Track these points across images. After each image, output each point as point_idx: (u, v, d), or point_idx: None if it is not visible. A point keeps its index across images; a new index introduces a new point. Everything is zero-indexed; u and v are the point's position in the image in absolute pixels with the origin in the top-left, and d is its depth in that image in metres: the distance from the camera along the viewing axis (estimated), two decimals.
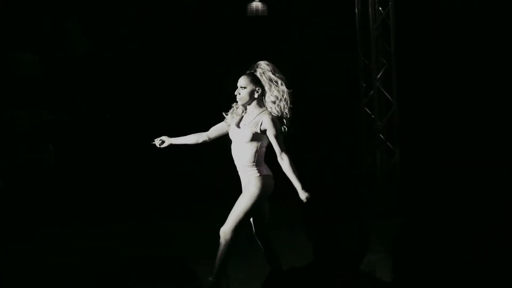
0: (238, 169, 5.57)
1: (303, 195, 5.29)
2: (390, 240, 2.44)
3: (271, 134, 5.37)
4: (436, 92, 10.21)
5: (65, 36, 10.49)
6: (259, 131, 5.41)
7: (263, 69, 5.48)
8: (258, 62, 5.52)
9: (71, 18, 10.51)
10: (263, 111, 5.46)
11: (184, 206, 9.69)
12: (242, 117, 5.58)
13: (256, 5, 10.83)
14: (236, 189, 5.57)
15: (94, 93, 10.22)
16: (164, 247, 7.65)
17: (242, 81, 5.53)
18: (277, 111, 5.42)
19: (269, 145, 5.43)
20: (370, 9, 8.97)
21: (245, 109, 5.56)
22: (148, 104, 10.25)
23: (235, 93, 5.54)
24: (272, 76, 5.44)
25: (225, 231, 5.34)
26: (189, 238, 8.00)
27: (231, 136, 5.59)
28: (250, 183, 5.42)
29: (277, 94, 5.42)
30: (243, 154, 5.47)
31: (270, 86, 5.44)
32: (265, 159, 5.50)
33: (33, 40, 10.37)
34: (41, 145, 8.97)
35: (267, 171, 5.48)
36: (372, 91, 9.10)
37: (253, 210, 5.39)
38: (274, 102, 5.43)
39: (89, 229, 8.54)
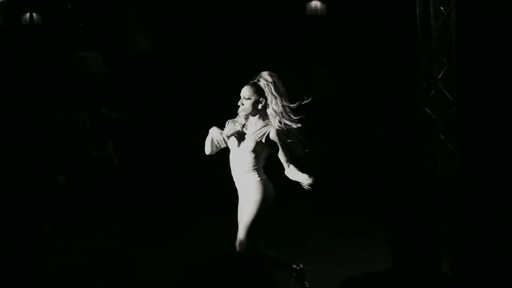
0: (235, 177, 5.41)
1: (308, 180, 5.19)
2: (450, 244, 2.42)
3: (279, 146, 5.27)
4: (498, 92, 10.07)
5: (126, 34, 10.62)
6: (264, 141, 5.28)
7: (267, 80, 5.32)
8: (261, 73, 5.37)
9: (132, 16, 10.64)
10: (268, 123, 5.32)
11: None
12: (244, 126, 5.41)
13: (315, 4, 10.83)
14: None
15: (155, 91, 10.32)
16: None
17: (246, 91, 5.37)
18: (279, 126, 5.26)
19: (268, 156, 5.34)
20: (431, 9, 8.89)
21: (247, 119, 5.41)
22: (210, 103, 10.29)
23: (238, 103, 5.37)
24: (274, 90, 5.28)
25: (242, 244, 5.24)
26: None
27: (230, 145, 5.41)
28: (252, 189, 5.30)
29: (276, 108, 5.27)
30: (243, 161, 5.33)
31: (272, 99, 5.28)
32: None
33: (96, 38, 10.53)
34: (103, 143, 9.09)
35: (266, 177, 5.36)
36: (432, 91, 9.03)
37: (262, 214, 5.28)
38: (274, 117, 5.27)
39: (149, 225, 8.64)
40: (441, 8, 8.89)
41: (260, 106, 5.32)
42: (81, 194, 8.82)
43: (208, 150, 5.52)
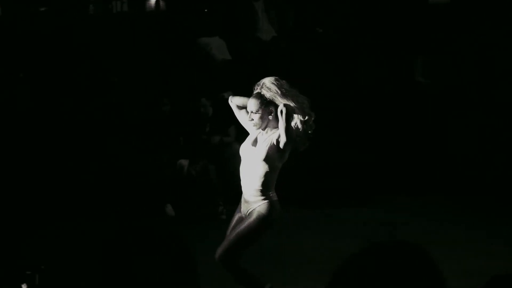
0: (244, 190, 5.18)
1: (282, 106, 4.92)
2: None
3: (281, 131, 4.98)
4: None
5: (251, 20, 10.67)
6: (273, 145, 5.01)
7: (269, 87, 5.04)
8: (262, 81, 5.10)
9: (258, 2, 10.70)
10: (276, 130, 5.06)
11: None
12: (257, 135, 5.17)
13: None
14: None
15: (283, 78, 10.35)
16: None
17: (252, 105, 5.13)
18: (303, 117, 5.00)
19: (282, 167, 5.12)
20: None
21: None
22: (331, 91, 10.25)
23: (248, 119, 5.17)
24: (281, 96, 4.99)
25: (224, 253, 5.06)
26: None
27: (242, 153, 5.20)
28: (260, 207, 5.06)
29: (293, 107, 4.98)
30: (254, 176, 5.07)
31: (284, 103, 4.98)
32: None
33: (220, 24, 10.63)
34: (224, 128, 9.19)
35: (276, 197, 5.15)
36: None
37: (261, 235, 5.12)
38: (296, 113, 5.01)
39: None
40: None
41: (271, 117, 5.09)
42: (204, 178, 8.98)
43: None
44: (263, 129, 5.14)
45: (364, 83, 10.37)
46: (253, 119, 5.12)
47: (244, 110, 5.31)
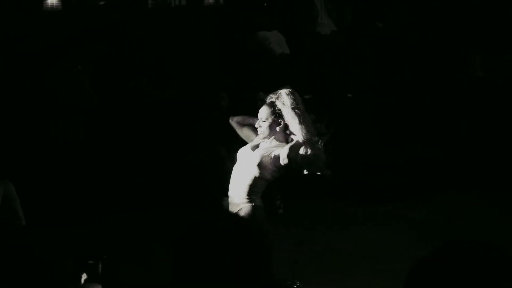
0: (232, 191, 5.13)
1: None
2: None
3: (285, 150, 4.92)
4: None
5: (310, 15, 10.64)
6: (271, 158, 4.96)
7: (284, 100, 4.99)
8: (279, 91, 5.05)
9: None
10: (281, 146, 4.99)
11: None
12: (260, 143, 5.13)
13: None
14: None
15: (336, 72, 10.29)
16: None
17: (263, 113, 5.08)
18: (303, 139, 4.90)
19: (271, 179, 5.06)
20: None
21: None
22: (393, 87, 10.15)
23: (256, 125, 5.12)
24: (292, 111, 4.95)
25: None
26: None
27: (239, 155, 5.18)
28: (245, 210, 5.01)
29: (296, 130, 4.93)
30: (245, 179, 5.03)
31: (290, 121, 4.95)
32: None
33: (280, 19, 10.60)
34: None
35: (261, 203, 5.09)
36: None
37: None
38: (298, 134, 4.93)
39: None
40: None
41: (278, 129, 5.03)
42: None
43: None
44: (268, 138, 5.09)
45: (423, 78, 10.24)
46: (261, 126, 5.09)
47: (246, 127, 5.29)
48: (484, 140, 9.86)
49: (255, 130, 5.24)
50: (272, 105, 5.06)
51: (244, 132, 5.34)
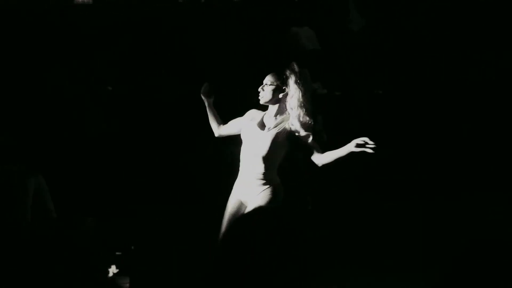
0: (247, 174, 5.08)
1: (359, 141, 4.79)
2: None
3: (306, 135, 4.93)
4: None
5: (342, 11, 10.59)
6: (284, 137, 4.95)
7: (293, 70, 5.00)
8: (291, 63, 5.05)
9: None
10: (286, 118, 4.99)
11: None
12: (262, 118, 5.11)
13: None
14: None
15: (367, 69, 10.24)
16: None
17: (269, 77, 5.08)
18: (298, 120, 4.92)
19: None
20: None
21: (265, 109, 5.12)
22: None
23: (259, 89, 5.08)
24: (299, 81, 4.96)
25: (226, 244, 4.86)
26: None
27: (245, 136, 5.13)
28: (265, 191, 5.00)
29: (297, 102, 4.93)
30: (261, 160, 4.99)
31: (294, 91, 4.94)
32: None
33: (311, 14, 10.57)
34: (313, 117, 9.11)
35: (279, 180, 5.10)
36: None
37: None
38: (294, 109, 4.94)
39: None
40: None
41: (280, 96, 5.01)
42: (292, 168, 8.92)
43: (213, 127, 5.46)
44: (274, 115, 5.06)
45: (457, 77, 10.18)
46: (263, 90, 5.05)
47: (236, 124, 5.32)
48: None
49: (235, 122, 5.34)
50: (280, 71, 5.06)
51: (237, 127, 5.33)
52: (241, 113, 5.39)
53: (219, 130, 5.48)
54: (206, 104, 5.51)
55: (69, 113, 9.23)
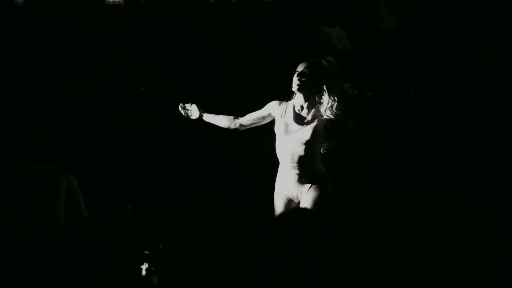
0: (292, 169, 5.08)
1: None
2: None
3: (338, 122, 5.01)
4: None
5: (373, 11, 10.55)
6: (322, 131, 5.01)
7: (331, 62, 5.00)
8: (328, 56, 5.06)
9: None
10: (318, 111, 5.01)
11: None
12: (294, 110, 5.10)
13: None
14: None
15: (399, 69, 10.19)
16: None
17: (308, 66, 5.02)
18: (330, 114, 4.98)
19: None
20: None
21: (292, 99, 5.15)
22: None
23: (296, 75, 5.01)
24: (335, 75, 5.00)
25: None
26: None
27: (282, 132, 5.10)
28: (319, 182, 5.06)
29: (330, 97, 4.96)
30: (308, 152, 5.02)
31: (330, 85, 4.97)
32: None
33: (342, 14, 10.54)
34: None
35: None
36: None
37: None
38: (328, 103, 4.97)
39: None
40: None
41: (314, 89, 5.00)
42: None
43: (220, 124, 5.55)
44: (306, 106, 5.05)
45: (484, 76, 10.10)
46: (304, 79, 4.99)
47: (260, 114, 5.36)
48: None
49: (257, 114, 5.36)
50: (319, 63, 5.03)
51: (263, 119, 5.39)
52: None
53: (235, 122, 5.49)
54: (198, 118, 5.61)
55: (100, 113, 9.27)
